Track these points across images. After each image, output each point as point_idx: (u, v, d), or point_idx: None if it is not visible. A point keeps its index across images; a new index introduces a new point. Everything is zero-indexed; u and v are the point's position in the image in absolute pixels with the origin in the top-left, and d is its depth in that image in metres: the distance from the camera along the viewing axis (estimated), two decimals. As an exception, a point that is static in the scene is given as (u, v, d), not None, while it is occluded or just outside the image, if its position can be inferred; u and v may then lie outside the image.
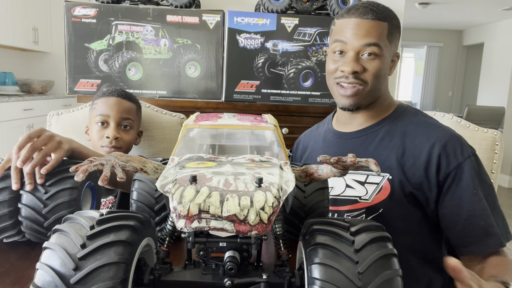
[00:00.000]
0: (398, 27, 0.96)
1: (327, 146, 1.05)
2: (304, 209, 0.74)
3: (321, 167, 0.59)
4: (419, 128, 0.93)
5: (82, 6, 1.96)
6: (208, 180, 0.46)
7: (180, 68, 2.04)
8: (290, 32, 2.04)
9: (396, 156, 0.92)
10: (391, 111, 1.00)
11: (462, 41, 7.63)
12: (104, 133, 1.14)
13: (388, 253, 0.44)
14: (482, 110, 5.10)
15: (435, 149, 0.88)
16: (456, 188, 0.87)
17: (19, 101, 3.25)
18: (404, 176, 0.90)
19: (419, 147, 0.90)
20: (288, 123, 2.10)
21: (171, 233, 0.57)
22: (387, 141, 0.95)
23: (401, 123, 0.96)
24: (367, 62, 0.91)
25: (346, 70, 0.91)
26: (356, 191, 0.96)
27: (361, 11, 0.91)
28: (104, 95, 1.19)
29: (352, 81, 0.92)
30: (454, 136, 0.91)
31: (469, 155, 0.87)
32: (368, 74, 0.91)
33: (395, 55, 0.98)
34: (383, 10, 0.93)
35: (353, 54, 0.91)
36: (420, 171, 0.89)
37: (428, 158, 0.88)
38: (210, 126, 0.62)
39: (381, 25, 0.91)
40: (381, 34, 0.91)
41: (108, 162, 0.50)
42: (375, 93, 0.95)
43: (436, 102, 7.96)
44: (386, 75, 0.96)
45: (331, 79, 0.98)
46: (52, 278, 0.41)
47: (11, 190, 0.73)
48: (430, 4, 5.40)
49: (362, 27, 0.90)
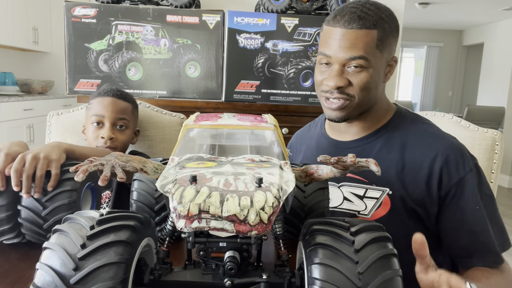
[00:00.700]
0: (393, 31, 0.88)
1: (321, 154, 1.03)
2: (304, 209, 0.74)
3: (321, 167, 0.59)
4: (419, 139, 0.90)
5: (82, 6, 1.96)
6: (208, 180, 0.46)
7: (180, 68, 2.04)
8: (290, 32, 2.04)
9: (396, 170, 0.89)
10: (388, 119, 0.96)
11: (462, 41, 7.63)
12: (99, 133, 1.14)
13: (388, 253, 0.44)
14: (482, 110, 5.10)
15: (437, 162, 0.85)
16: (457, 203, 0.85)
17: (19, 101, 3.25)
18: (405, 191, 0.88)
19: (419, 160, 0.87)
20: (288, 123, 2.10)
21: (171, 233, 0.57)
22: (385, 152, 0.91)
23: (399, 132, 0.92)
24: (353, 75, 0.86)
25: (330, 85, 0.87)
26: (355, 205, 0.93)
27: (347, 19, 0.84)
28: (100, 95, 1.18)
29: (337, 96, 0.87)
30: (456, 147, 0.87)
31: (471, 169, 0.85)
32: (355, 88, 0.86)
33: (391, 60, 0.91)
34: (373, 14, 0.84)
35: (338, 67, 0.86)
36: (421, 186, 0.86)
37: (429, 172, 0.86)
38: (210, 126, 0.62)
39: (369, 34, 0.83)
40: (368, 45, 0.84)
41: (108, 162, 0.50)
42: (364, 105, 0.90)
43: (436, 102, 7.96)
44: (377, 85, 0.90)
45: (318, 91, 0.94)
46: (52, 278, 0.41)
47: (9, 194, 0.73)
48: (430, 4, 5.40)
49: (346, 39, 0.84)
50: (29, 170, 0.73)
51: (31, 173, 0.73)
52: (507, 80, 5.62)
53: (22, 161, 0.74)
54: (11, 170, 0.73)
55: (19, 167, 0.73)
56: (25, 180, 0.72)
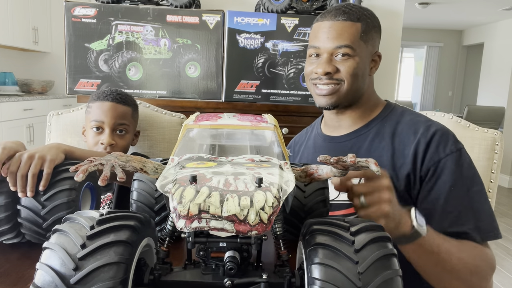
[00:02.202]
0: (375, 27, 0.96)
1: (318, 152, 1.05)
2: (304, 209, 0.74)
3: (321, 167, 0.59)
4: (407, 126, 0.94)
5: (82, 6, 1.96)
6: (208, 180, 0.46)
7: (180, 68, 2.04)
8: (290, 32, 2.04)
9: (387, 157, 0.92)
10: (378, 112, 1.00)
11: (462, 41, 7.63)
12: (99, 139, 1.14)
13: (388, 253, 0.44)
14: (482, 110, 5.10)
15: (421, 145, 0.89)
16: (434, 182, 0.87)
17: (19, 101, 3.25)
18: (396, 176, 0.90)
19: (407, 145, 0.91)
20: (288, 123, 2.10)
21: (171, 233, 0.57)
22: (377, 142, 0.95)
23: (389, 123, 0.97)
24: (340, 62, 0.93)
25: (319, 72, 0.93)
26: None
27: (333, 14, 0.93)
28: (99, 99, 1.17)
29: (326, 82, 0.94)
30: (441, 130, 0.90)
31: (452, 151, 0.87)
32: (343, 73, 0.92)
33: (375, 54, 0.98)
34: (356, 11, 0.94)
35: (326, 56, 0.93)
36: (408, 168, 0.89)
37: (414, 153, 0.89)
38: (210, 126, 0.62)
39: (354, 26, 0.92)
40: (353, 35, 0.92)
41: (108, 162, 0.50)
42: (354, 92, 0.95)
43: (436, 102, 7.96)
44: (364, 74, 0.96)
45: (308, 81, 1.00)
46: (52, 278, 0.41)
47: (8, 195, 0.73)
48: (430, 4, 5.40)
49: (333, 30, 0.92)
50: (23, 170, 0.73)
51: (25, 172, 0.73)
52: (507, 80, 5.63)
53: (18, 161, 0.74)
54: (8, 171, 0.73)
55: (15, 168, 0.73)
56: (19, 179, 0.73)
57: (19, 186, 0.72)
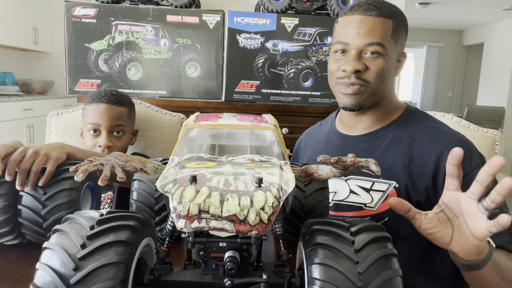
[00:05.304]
0: (404, 25, 0.93)
1: (330, 148, 1.02)
2: (304, 209, 0.74)
3: (321, 167, 0.59)
4: (428, 135, 0.90)
5: (82, 6, 1.96)
6: (208, 180, 0.46)
7: (180, 68, 2.04)
8: (290, 32, 2.04)
9: (403, 164, 0.88)
10: (398, 115, 0.96)
11: (462, 41, 7.63)
12: (97, 141, 1.13)
13: (388, 253, 0.44)
14: (482, 110, 5.10)
15: (444, 156, 0.84)
16: None
17: (19, 101, 3.25)
18: (411, 184, 0.87)
19: (427, 154, 0.87)
20: (288, 123, 2.10)
21: (171, 233, 0.57)
22: (394, 147, 0.91)
23: (409, 128, 0.93)
24: (369, 61, 0.88)
25: (348, 69, 0.88)
26: (361, 198, 0.93)
27: (365, 8, 0.88)
28: (94, 101, 1.16)
29: (354, 81, 0.88)
30: (464, 143, 0.87)
31: (477, 165, 0.84)
32: (371, 73, 0.88)
33: (401, 55, 0.94)
34: (388, 7, 0.89)
35: (355, 52, 0.88)
36: (428, 179, 0.86)
37: (436, 166, 0.86)
38: (210, 126, 0.62)
39: (386, 23, 0.87)
40: (385, 32, 0.87)
41: (108, 162, 0.50)
42: (378, 93, 0.91)
43: (436, 102, 7.96)
44: (390, 75, 0.92)
45: (332, 79, 0.94)
46: (52, 278, 0.41)
47: (7, 197, 0.73)
48: (430, 4, 5.40)
49: (365, 25, 0.87)
50: (27, 163, 0.73)
51: (28, 166, 0.73)
52: (507, 80, 5.63)
53: (23, 154, 0.74)
54: (10, 159, 0.72)
55: (19, 158, 0.73)
56: (20, 172, 0.72)
57: (19, 179, 0.72)
